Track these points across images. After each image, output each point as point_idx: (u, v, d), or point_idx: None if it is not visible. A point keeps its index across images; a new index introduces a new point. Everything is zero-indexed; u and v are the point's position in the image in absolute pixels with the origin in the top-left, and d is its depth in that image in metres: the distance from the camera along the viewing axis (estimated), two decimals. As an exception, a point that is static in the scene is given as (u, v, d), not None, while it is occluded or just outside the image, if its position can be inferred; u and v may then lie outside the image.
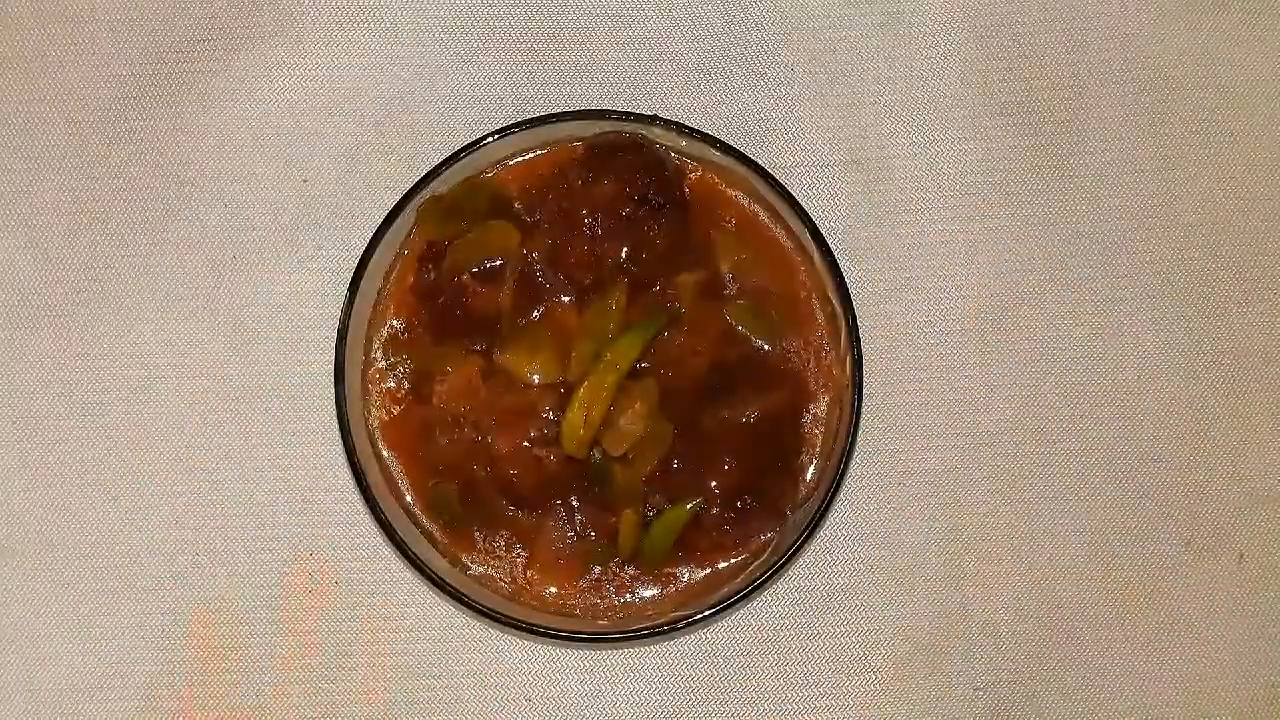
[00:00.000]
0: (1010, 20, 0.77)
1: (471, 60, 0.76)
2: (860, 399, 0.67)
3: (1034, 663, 0.72)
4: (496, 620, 0.66)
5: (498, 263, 0.69)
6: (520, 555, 0.69)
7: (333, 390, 0.67)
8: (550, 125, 0.70)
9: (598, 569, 0.69)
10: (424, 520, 0.70)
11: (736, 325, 0.69)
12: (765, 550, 0.68)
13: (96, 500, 0.72)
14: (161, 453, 0.72)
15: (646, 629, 0.66)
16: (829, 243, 0.69)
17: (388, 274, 0.71)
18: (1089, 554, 0.73)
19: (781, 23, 0.76)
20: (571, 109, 0.71)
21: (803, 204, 0.69)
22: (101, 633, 0.71)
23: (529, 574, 0.69)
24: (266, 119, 0.75)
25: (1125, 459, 0.74)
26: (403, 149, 0.74)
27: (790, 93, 0.76)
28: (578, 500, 0.68)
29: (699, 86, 0.76)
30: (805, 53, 0.76)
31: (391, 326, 0.71)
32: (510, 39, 0.76)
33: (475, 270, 0.69)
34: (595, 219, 0.68)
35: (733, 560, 0.69)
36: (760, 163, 0.69)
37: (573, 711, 0.71)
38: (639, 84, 0.76)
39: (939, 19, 0.76)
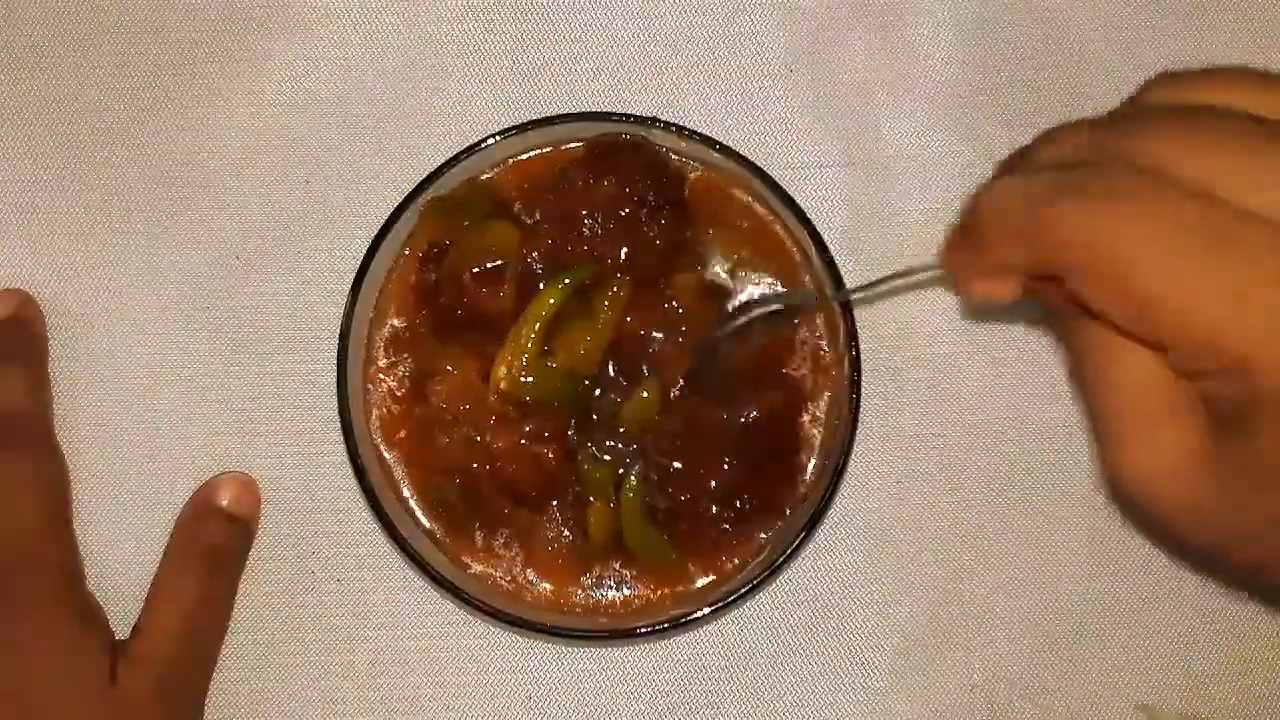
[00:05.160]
0: (1010, 21, 0.77)
1: (473, 61, 0.76)
2: (859, 399, 0.67)
3: (1033, 663, 0.72)
4: (497, 619, 0.66)
5: (498, 263, 0.69)
6: (520, 554, 0.69)
7: (334, 390, 0.67)
8: (551, 126, 0.70)
9: (597, 567, 0.69)
10: (424, 519, 0.70)
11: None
12: (764, 549, 0.69)
13: (95, 501, 0.72)
14: (161, 453, 0.72)
15: (646, 628, 0.66)
16: (828, 243, 0.69)
17: (389, 274, 0.71)
18: (1089, 553, 0.73)
19: (781, 23, 0.76)
20: (572, 110, 0.71)
21: (802, 204, 0.69)
22: (104, 631, 0.71)
23: (529, 572, 0.69)
24: (268, 120, 0.75)
25: (1126, 459, 0.73)
26: (405, 150, 0.75)
27: (790, 93, 0.76)
28: (570, 497, 0.68)
29: (699, 88, 0.76)
30: (805, 53, 0.76)
31: (393, 326, 0.71)
32: (511, 40, 0.76)
33: (476, 270, 0.69)
34: (595, 219, 0.68)
35: (732, 560, 0.69)
36: (760, 163, 0.69)
37: (573, 711, 0.71)
38: (639, 85, 0.76)
39: (939, 20, 0.77)
